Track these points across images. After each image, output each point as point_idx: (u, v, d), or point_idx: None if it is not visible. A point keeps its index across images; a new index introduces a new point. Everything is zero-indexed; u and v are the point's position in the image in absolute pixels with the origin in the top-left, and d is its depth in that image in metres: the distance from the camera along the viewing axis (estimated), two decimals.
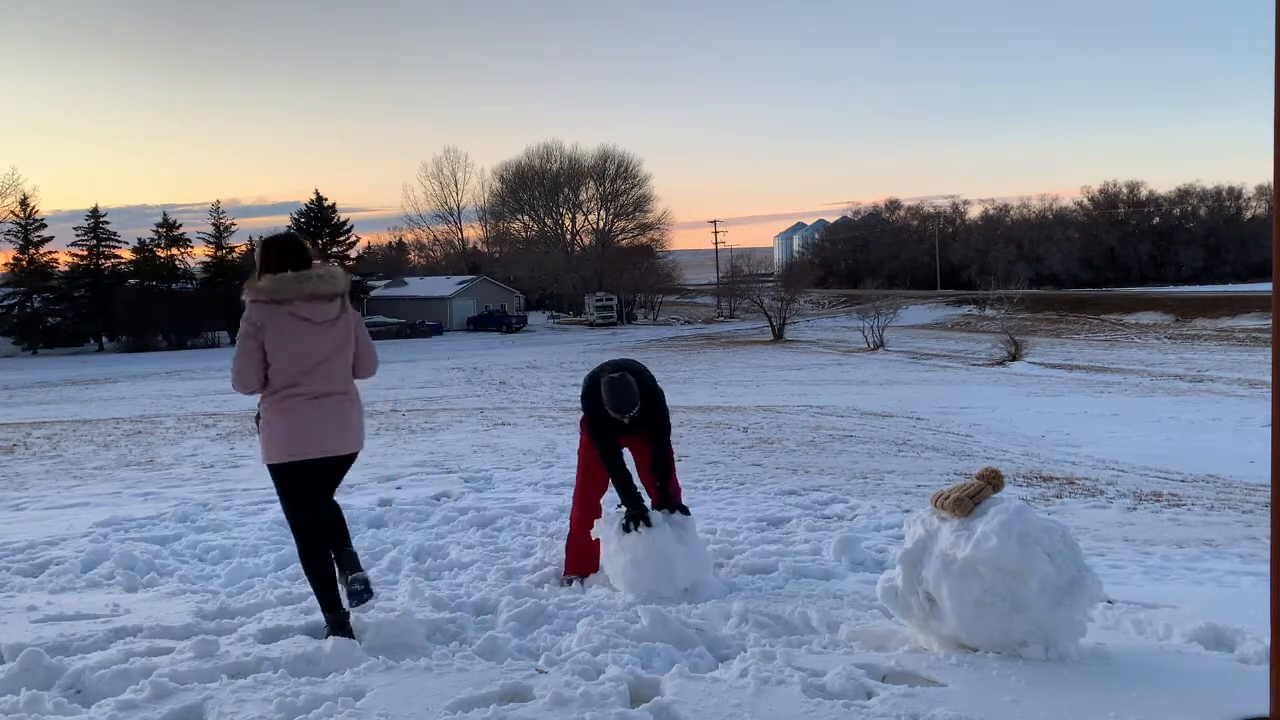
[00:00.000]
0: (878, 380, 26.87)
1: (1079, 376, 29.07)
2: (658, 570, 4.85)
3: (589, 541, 5.29)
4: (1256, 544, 6.55)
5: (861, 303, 54.64)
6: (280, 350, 4.02)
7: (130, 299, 56.56)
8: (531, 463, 9.81)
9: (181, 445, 11.95)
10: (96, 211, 61.39)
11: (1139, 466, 11.37)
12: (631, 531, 4.98)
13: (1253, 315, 52.19)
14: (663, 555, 4.86)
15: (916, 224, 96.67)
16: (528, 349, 47.40)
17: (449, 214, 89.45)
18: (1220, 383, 26.77)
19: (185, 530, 6.65)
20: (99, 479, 9.26)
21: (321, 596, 4.15)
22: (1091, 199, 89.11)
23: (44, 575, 5.45)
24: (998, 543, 3.49)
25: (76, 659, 3.79)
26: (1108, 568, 5.57)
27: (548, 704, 3.23)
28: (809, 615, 4.33)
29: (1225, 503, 8.65)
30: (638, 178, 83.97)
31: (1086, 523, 7.23)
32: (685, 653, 3.91)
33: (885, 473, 9.49)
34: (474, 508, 7.23)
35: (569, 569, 5.47)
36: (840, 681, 3.36)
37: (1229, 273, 79.71)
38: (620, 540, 4.98)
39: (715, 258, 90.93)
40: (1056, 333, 53.47)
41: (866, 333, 44.52)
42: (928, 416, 16.51)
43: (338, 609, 4.12)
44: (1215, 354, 39.25)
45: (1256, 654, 3.59)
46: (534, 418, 15.13)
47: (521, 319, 67.62)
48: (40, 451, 11.70)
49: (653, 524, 4.96)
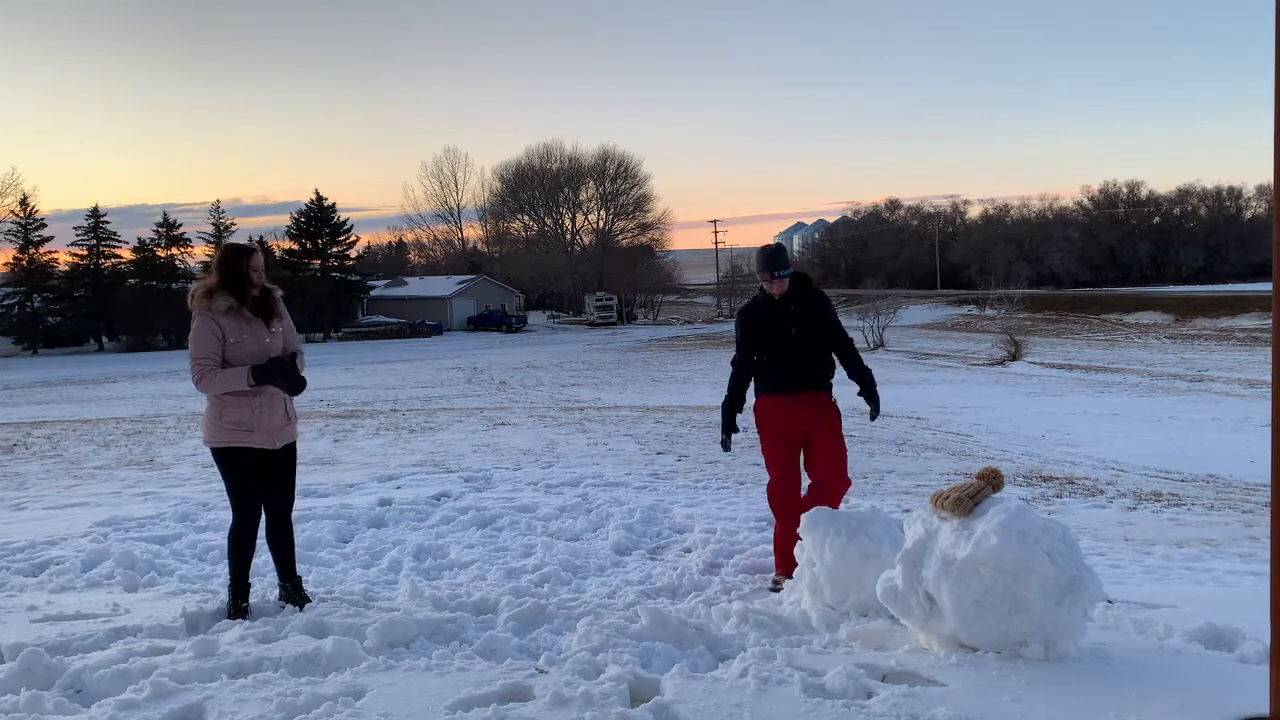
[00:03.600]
0: (878, 380, 26.84)
1: (1079, 376, 29.06)
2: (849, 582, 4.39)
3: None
4: (1256, 544, 6.55)
5: (861, 302, 54.60)
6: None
7: (130, 299, 56.56)
8: (531, 462, 9.81)
9: (181, 445, 11.95)
10: (96, 211, 61.49)
11: (1139, 466, 11.36)
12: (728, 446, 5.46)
13: (1253, 315, 52.17)
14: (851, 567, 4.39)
15: (916, 224, 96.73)
16: (528, 349, 47.39)
17: (449, 214, 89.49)
18: (1220, 383, 26.76)
19: (185, 530, 6.66)
20: (99, 479, 9.26)
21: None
22: (1091, 199, 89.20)
23: (44, 575, 5.45)
24: (998, 542, 3.49)
25: (76, 659, 3.79)
26: (1108, 568, 5.57)
27: (548, 704, 3.23)
28: (809, 615, 4.33)
29: (1225, 503, 8.65)
30: (638, 178, 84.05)
31: (1086, 523, 7.23)
32: (685, 653, 3.91)
33: (885, 472, 9.49)
34: (474, 507, 7.23)
35: (780, 568, 5.15)
36: (840, 681, 3.36)
37: (1229, 273, 79.66)
38: (814, 549, 4.53)
39: (715, 258, 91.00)
40: (1056, 333, 53.46)
41: (866, 332, 44.50)
42: (928, 416, 16.50)
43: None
44: (1215, 354, 39.24)
45: (1256, 654, 3.59)
46: (534, 417, 15.13)
47: (521, 319, 67.62)
48: (40, 451, 11.70)
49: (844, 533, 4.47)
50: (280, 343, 4.51)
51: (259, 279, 4.46)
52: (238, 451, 4.42)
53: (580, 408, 17.56)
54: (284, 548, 4.67)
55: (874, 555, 4.30)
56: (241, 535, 4.52)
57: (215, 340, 4.33)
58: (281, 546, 4.66)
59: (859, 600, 4.30)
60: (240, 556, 4.53)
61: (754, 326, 5.28)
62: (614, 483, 8.50)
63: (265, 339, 4.45)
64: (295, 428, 4.68)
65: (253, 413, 4.40)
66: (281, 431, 4.53)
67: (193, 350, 4.34)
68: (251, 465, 4.47)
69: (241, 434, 4.40)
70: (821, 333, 5.27)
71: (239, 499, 4.51)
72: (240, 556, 4.53)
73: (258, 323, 4.45)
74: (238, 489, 4.50)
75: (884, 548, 4.32)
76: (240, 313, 4.41)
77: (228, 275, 4.40)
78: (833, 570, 4.38)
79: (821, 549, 4.44)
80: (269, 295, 4.53)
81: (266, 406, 4.44)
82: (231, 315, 4.38)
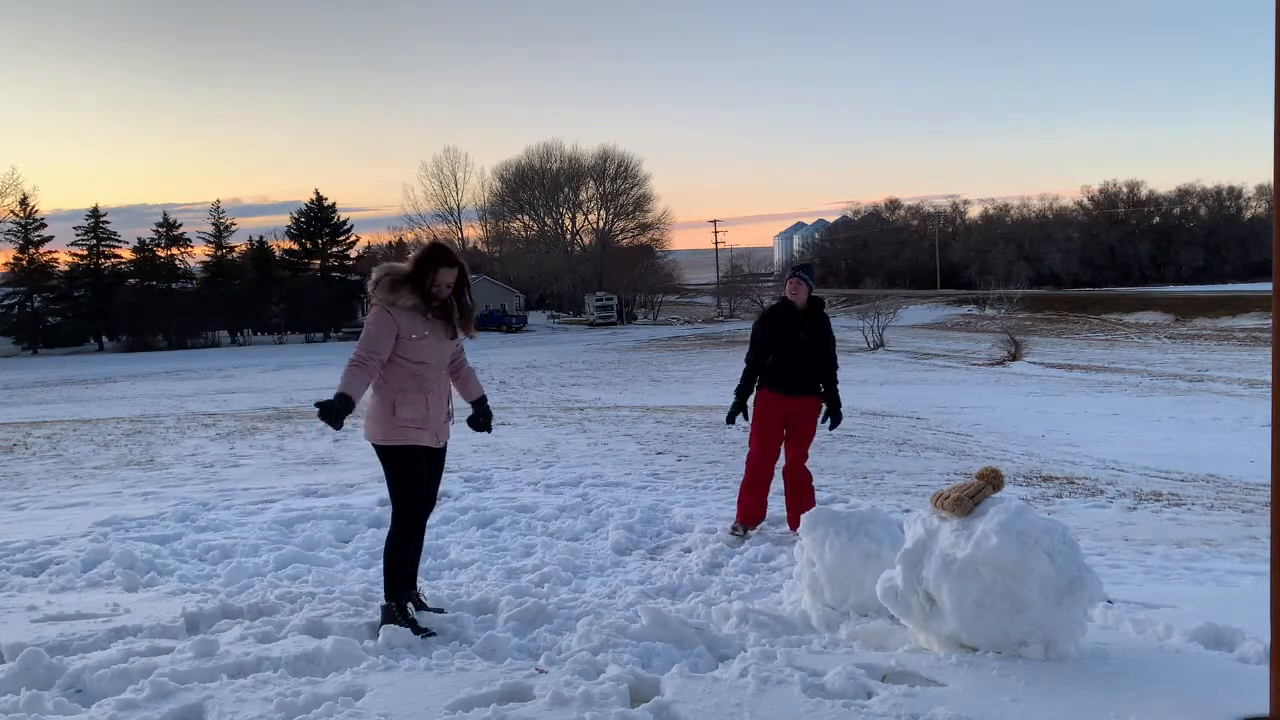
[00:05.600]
0: (878, 380, 26.85)
1: (1079, 376, 29.06)
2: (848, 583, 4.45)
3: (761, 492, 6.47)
4: (1256, 544, 6.55)
5: (861, 302, 54.58)
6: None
7: (130, 299, 56.57)
8: (531, 462, 9.81)
9: (181, 445, 11.95)
10: (96, 211, 61.50)
11: (1139, 466, 11.36)
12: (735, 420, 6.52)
13: (1253, 315, 52.15)
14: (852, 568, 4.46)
15: (916, 224, 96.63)
16: (528, 349, 47.37)
17: (449, 214, 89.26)
18: (1220, 382, 26.76)
19: (185, 530, 6.65)
20: (99, 479, 9.25)
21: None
22: (1091, 199, 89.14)
23: (44, 575, 5.45)
24: (998, 542, 3.49)
25: (76, 659, 3.79)
26: (1108, 568, 5.57)
27: (548, 704, 3.23)
28: (809, 615, 4.33)
29: (1225, 502, 8.65)
30: (638, 177, 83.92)
31: (1086, 523, 7.23)
32: (685, 652, 3.91)
33: (885, 472, 9.49)
34: (474, 507, 7.23)
35: (739, 518, 6.46)
36: (840, 681, 3.36)
37: (1229, 273, 79.62)
38: (814, 549, 4.58)
39: (715, 258, 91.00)
40: (1056, 332, 53.45)
41: (866, 332, 44.49)
42: (928, 416, 16.50)
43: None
44: (1215, 354, 39.23)
45: (1256, 654, 3.59)
46: (534, 417, 15.13)
47: (521, 319, 67.59)
48: (40, 451, 11.69)
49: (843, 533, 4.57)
50: (449, 352, 4.43)
51: (440, 293, 4.30)
52: (409, 449, 4.30)
53: (580, 408, 17.56)
54: (416, 554, 4.54)
55: (874, 555, 4.30)
56: (406, 536, 4.38)
57: (389, 337, 4.21)
58: (417, 552, 4.54)
59: (859, 600, 4.29)
60: (402, 560, 4.38)
61: (775, 325, 6.42)
62: (614, 483, 8.50)
63: (444, 340, 4.36)
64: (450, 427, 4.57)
65: (426, 410, 4.30)
66: (444, 430, 4.46)
67: (365, 336, 4.21)
68: (420, 462, 4.35)
69: (414, 431, 4.28)
70: (823, 347, 6.41)
71: (406, 497, 4.35)
72: (402, 560, 4.38)
73: (439, 324, 4.34)
74: (406, 487, 4.34)
75: (884, 548, 4.32)
76: (423, 311, 4.30)
77: (418, 275, 4.27)
78: (833, 570, 4.38)
79: (822, 549, 4.44)
80: (449, 309, 4.38)
81: (435, 405, 4.35)
82: (414, 312, 4.27)
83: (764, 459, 6.48)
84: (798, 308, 6.40)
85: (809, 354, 6.37)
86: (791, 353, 6.34)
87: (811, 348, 6.37)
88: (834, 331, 6.59)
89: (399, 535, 4.36)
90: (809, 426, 6.51)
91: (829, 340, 6.48)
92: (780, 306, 6.51)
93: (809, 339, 6.35)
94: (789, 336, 6.35)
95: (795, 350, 6.33)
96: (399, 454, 4.30)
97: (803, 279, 6.44)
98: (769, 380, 6.43)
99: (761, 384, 6.47)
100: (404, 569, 4.40)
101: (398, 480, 4.34)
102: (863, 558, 4.32)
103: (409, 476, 4.34)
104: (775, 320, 6.46)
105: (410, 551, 4.46)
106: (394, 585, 4.34)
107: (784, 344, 6.36)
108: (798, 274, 6.49)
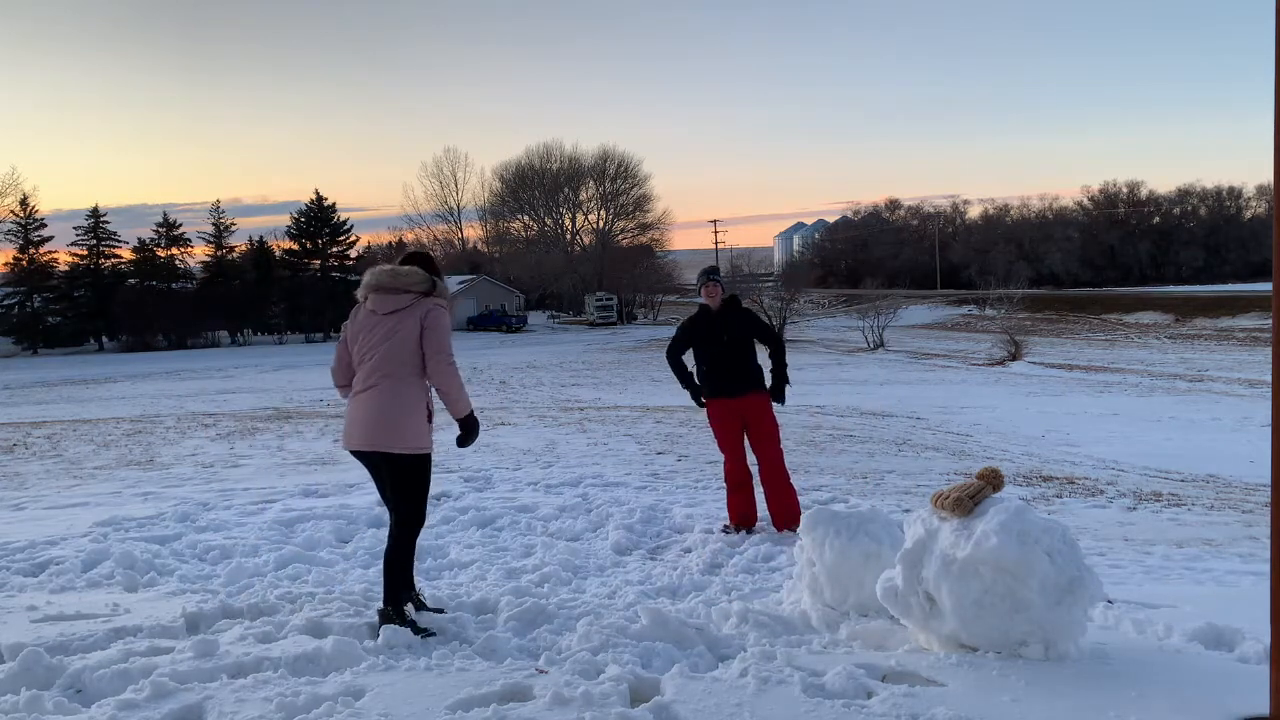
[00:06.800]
0: (877, 380, 26.87)
1: (1079, 376, 29.08)
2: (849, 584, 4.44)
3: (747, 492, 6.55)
4: (1256, 544, 6.55)
5: (861, 302, 54.63)
6: (351, 340, 4.32)
7: (130, 299, 56.51)
8: (531, 462, 9.81)
9: (181, 445, 11.95)
10: (96, 211, 61.40)
11: (1139, 466, 11.37)
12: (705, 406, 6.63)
13: (1253, 315, 52.16)
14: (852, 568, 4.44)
15: (916, 224, 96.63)
16: (528, 349, 47.38)
17: (449, 214, 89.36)
18: (1220, 382, 26.78)
19: (185, 530, 6.65)
20: (99, 479, 9.25)
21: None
22: (1091, 199, 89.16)
23: (44, 575, 5.45)
24: (998, 542, 3.49)
25: (76, 659, 3.79)
26: (1108, 568, 5.57)
27: (548, 704, 3.23)
28: (809, 615, 4.33)
29: (1225, 503, 8.66)
30: (638, 177, 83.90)
31: (1086, 523, 7.23)
32: (685, 653, 3.91)
33: (885, 472, 9.49)
34: (474, 507, 7.24)
35: (731, 520, 6.53)
36: (840, 681, 3.36)
37: (1229, 273, 79.64)
38: (814, 549, 4.55)
39: (715, 257, 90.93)
40: (1056, 333, 53.46)
41: (866, 332, 44.54)
42: (927, 416, 16.51)
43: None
44: (1215, 354, 39.24)
45: (1256, 654, 3.59)
46: (534, 417, 15.13)
47: (521, 319, 67.55)
48: (40, 451, 11.70)
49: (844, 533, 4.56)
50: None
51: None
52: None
53: (580, 408, 17.56)
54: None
55: (874, 555, 4.30)
56: (415, 539, 4.43)
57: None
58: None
59: (859, 600, 4.29)
60: (408, 565, 4.42)
61: (696, 333, 6.65)
62: (614, 483, 8.50)
63: None
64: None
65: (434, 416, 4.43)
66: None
67: (448, 340, 4.30)
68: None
69: (432, 435, 4.40)
70: (749, 338, 6.53)
71: (425, 501, 4.40)
72: (408, 565, 4.42)
73: None
74: (428, 490, 4.41)
75: (884, 548, 4.32)
76: None
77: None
78: (833, 570, 4.38)
79: (822, 549, 4.44)
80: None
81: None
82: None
83: (734, 465, 6.59)
84: (714, 311, 6.57)
85: (737, 351, 6.51)
86: (721, 355, 6.51)
87: (738, 345, 6.51)
88: (766, 319, 6.80)
89: (413, 538, 4.39)
90: (769, 422, 6.57)
91: (756, 329, 6.59)
92: (698, 315, 6.69)
93: (733, 339, 6.50)
94: (714, 339, 6.52)
95: (722, 351, 6.50)
96: (429, 460, 4.38)
97: (716, 281, 6.63)
98: (711, 388, 6.58)
99: (708, 395, 6.62)
100: (408, 574, 4.42)
101: (424, 486, 4.38)
102: (863, 558, 4.32)
103: (429, 480, 4.42)
104: (695, 329, 6.66)
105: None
106: (395, 590, 4.34)
107: (711, 347, 6.54)
108: (710, 278, 6.65)
